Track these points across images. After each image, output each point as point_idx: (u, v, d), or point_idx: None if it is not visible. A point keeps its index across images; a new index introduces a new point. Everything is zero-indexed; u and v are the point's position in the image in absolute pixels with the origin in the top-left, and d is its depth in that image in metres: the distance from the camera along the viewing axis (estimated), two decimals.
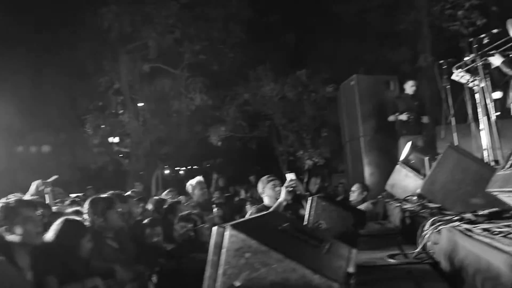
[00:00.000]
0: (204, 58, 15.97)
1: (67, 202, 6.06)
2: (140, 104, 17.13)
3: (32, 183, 4.22)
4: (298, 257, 1.69)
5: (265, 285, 1.65)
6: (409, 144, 6.36)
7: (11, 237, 3.12)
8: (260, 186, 5.80)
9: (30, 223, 3.18)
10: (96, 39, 15.16)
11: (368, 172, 9.34)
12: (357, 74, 9.92)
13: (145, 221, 4.85)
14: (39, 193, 4.31)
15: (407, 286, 2.61)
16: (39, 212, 3.42)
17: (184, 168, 29.59)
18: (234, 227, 1.69)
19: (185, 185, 7.04)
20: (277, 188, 5.51)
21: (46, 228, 3.51)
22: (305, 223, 3.54)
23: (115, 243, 4.16)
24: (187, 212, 4.80)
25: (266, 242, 1.69)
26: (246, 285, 1.66)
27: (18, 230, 3.13)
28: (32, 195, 4.13)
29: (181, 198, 6.62)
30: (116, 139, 18.27)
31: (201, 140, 18.41)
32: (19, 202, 3.24)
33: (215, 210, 5.48)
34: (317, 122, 17.11)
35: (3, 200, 3.24)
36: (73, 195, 7.88)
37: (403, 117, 8.32)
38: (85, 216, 4.09)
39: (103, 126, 17.14)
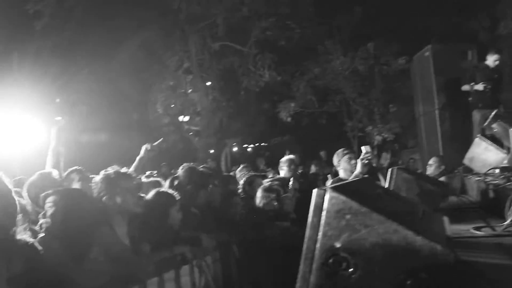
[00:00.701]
0: (272, 34, 15.90)
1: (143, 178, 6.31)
2: (209, 83, 17.41)
3: (143, 147, 4.43)
4: (398, 219, 1.70)
5: (365, 247, 1.67)
6: (493, 113, 6.08)
7: (111, 206, 3.33)
8: (335, 159, 5.79)
9: (128, 193, 3.37)
10: (166, 20, 15.51)
11: (443, 145, 9.04)
12: (431, 44, 9.52)
13: (225, 192, 5.00)
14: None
15: (500, 257, 2.55)
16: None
17: (252, 146, 29.88)
18: (335, 189, 1.72)
19: (253, 162, 7.17)
20: (353, 161, 5.49)
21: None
22: None
23: (198, 212, 4.34)
24: (270, 183, 4.90)
25: (366, 204, 1.71)
26: (346, 247, 1.69)
27: (118, 199, 3.34)
28: (141, 157, 4.34)
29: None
30: (186, 118, 18.73)
31: (269, 117, 18.50)
32: (118, 173, 3.45)
33: (291, 183, 5.53)
34: (388, 96, 16.67)
35: (103, 172, 3.46)
36: (147, 172, 8.20)
37: (479, 87, 7.82)
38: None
39: (172, 106, 17.59)
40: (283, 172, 6.65)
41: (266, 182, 5.26)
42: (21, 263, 2.39)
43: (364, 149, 5.36)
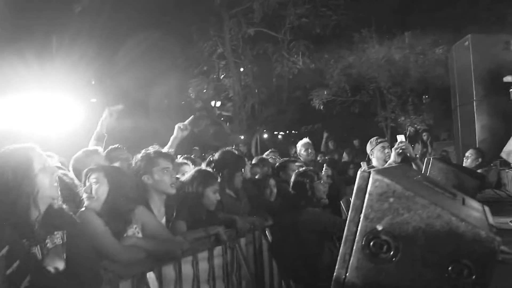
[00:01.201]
0: (307, 21, 15.77)
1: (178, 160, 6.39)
2: (242, 69, 17.43)
3: (175, 126, 4.47)
4: (441, 204, 1.68)
5: (408, 230, 1.66)
6: None
7: (149, 185, 3.40)
8: (368, 147, 5.75)
9: (167, 173, 3.43)
10: (202, 5, 15.55)
11: (480, 138, 8.84)
12: (471, 34, 9.27)
13: (257, 176, 5.03)
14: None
15: None
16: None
17: (282, 133, 29.87)
18: (379, 172, 1.72)
19: (284, 149, 7.19)
20: (386, 150, 5.44)
21: None
22: None
23: (233, 194, 4.39)
24: (304, 168, 4.90)
25: (409, 188, 1.70)
26: (388, 230, 1.69)
27: (156, 178, 3.40)
28: (175, 137, 4.39)
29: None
30: (218, 103, 18.84)
31: (301, 104, 18.41)
32: (158, 153, 3.51)
33: (324, 169, 5.52)
34: (423, 86, 16.36)
35: (144, 151, 3.53)
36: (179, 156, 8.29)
37: None
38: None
39: (204, 91, 17.69)
40: (302, 156, 6.66)
41: (299, 168, 5.27)
42: (62, 235, 2.47)
43: (399, 138, 5.30)
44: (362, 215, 1.73)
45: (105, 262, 2.67)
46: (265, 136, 26.32)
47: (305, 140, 7.02)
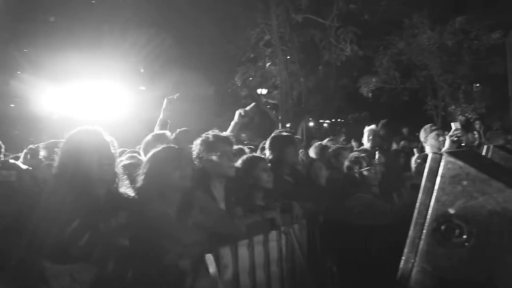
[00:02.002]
0: (356, 8, 15.47)
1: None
2: (288, 56, 17.32)
3: (236, 112, 4.50)
4: None
5: (482, 214, 1.62)
6: None
7: (209, 169, 3.43)
8: (422, 135, 5.61)
9: (225, 157, 3.47)
10: None
11: None
12: None
13: (309, 162, 5.00)
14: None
15: None
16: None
17: (328, 121, 29.61)
18: (452, 154, 1.67)
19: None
20: (441, 138, 5.29)
21: None
22: None
23: (291, 179, 4.39)
24: (356, 154, 4.84)
25: (484, 170, 1.65)
26: (460, 214, 1.64)
27: (215, 162, 3.45)
28: (236, 123, 4.42)
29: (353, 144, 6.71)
30: (264, 91, 18.82)
31: (348, 92, 18.16)
32: (217, 137, 3.55)
33: (377, 156, 5.43)
34: (476, 73, 15.79)
35: (204, 135, 3.58)
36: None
37: None
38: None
39: (251, 78, 17.70)
40: (365, 142, 6.58)
41: (352, 154, 5.21)
42: (125, 215, 2.55)
43: (453, 125, 5.14)
44: (433, 198, 1.69)
45: (165, 242, 2.72)
46: (311, 124, 26.16)
47: (371, 127, 6.92)
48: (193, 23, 15.27)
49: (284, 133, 4.79)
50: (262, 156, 4.12)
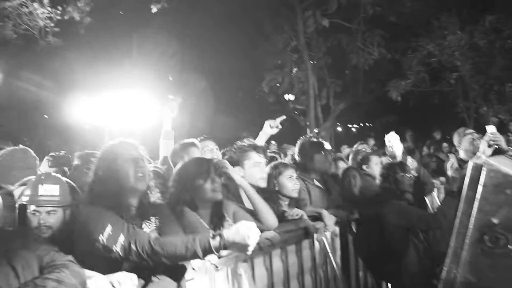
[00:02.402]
0: (382, 10, 15.30)
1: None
2: (315, 62, 17.24)
3: (265, 122, 4.48)
4: None
5: None
6: None
7: (237, 178, 3.44)
8: (455, 139, 5.51)
9: (257, 167, 3.49)
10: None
11: None
12: None
13: (345, 170, 4.97)
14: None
15: None
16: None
17: (356, 126, 29.32)
18: (493, 162, 1.63)
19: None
20: (476, 142, 5.17)
21: None
22: None
23: (322, 186, 4.37)
24: (388, 161, 4.80)
25: None
26: (505, 224, 1.60)
27: (247, 171, 3.48)
28: (264, 132, 4.39)
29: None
30: (291, 97, 18.79)
31: (376, 97, 17.95)
32: (252, 146, 3.58)
33: (410, 161, 5.35)
34: (509, 73, 15.37)
35: (238, 143, 3.61)
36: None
37: None
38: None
39: (278, 84, 17.68)
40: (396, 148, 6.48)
41: (383, 161, 5.16)
42: (155, 220, 2.62)
43: (489, 129, 5.01)
44: (475, 208, 1.65)
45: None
46: (339, 129, 25.95)
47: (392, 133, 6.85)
48: (220, 30, 15.39)
49: (313, 139, 4.78)
50: (289, 163, 4.11)
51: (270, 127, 4.39)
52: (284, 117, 4.60)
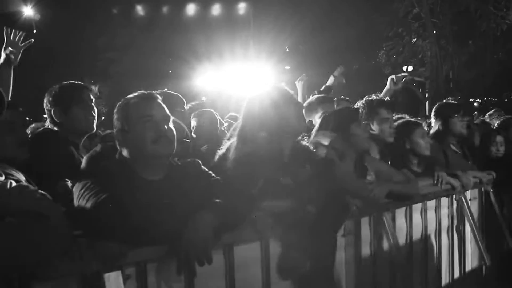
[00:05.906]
0: None
1: None
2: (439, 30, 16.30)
3: (389, 78, 4.46)
4: None
5: None
6: None
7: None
8: None
9: (386, 123, 3.49)
10: None
11: None
12: None
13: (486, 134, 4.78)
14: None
15: None
16: None
17: (478, 100, 27.34)
18: None
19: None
20: None
21: None
22: None
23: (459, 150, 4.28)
24: None
25: None
26: None
27: (376, 127, 3.49)
28: (388, 89, 4.38)
29: None
30: (409, 68, 18.04)
31: (505, 68, 16.61)
32: (380, 102, 3.58)
33: None
34: None
35: (366, 98, 3.64)
36: None
37: None
38: None
39: (394, 56, 17.02)
40: None
41: None
42: (310, 169, 2.66)
43: None
44: None
45: (349, 198, 2.79)
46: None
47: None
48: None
49: (451, 102, 4.63)
50: (420, 122, 4.03)
51: (394, 82, 4.34)
52: (407, 74, 4.50)
